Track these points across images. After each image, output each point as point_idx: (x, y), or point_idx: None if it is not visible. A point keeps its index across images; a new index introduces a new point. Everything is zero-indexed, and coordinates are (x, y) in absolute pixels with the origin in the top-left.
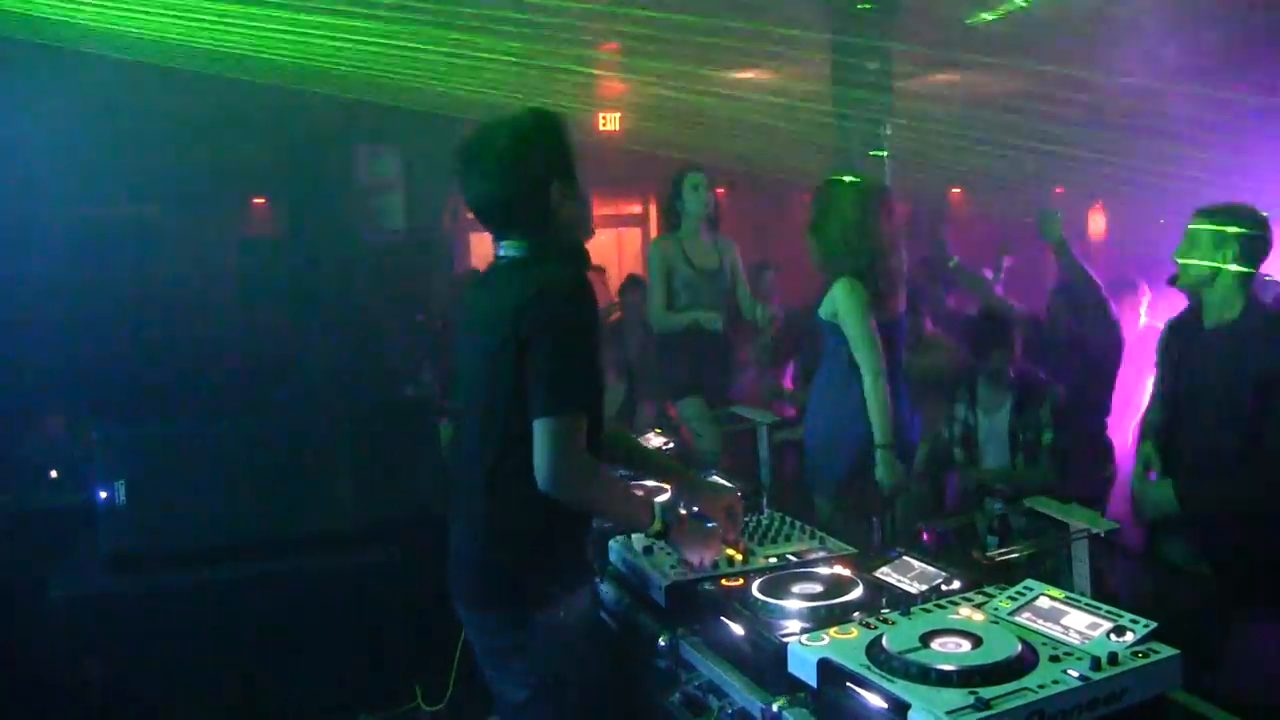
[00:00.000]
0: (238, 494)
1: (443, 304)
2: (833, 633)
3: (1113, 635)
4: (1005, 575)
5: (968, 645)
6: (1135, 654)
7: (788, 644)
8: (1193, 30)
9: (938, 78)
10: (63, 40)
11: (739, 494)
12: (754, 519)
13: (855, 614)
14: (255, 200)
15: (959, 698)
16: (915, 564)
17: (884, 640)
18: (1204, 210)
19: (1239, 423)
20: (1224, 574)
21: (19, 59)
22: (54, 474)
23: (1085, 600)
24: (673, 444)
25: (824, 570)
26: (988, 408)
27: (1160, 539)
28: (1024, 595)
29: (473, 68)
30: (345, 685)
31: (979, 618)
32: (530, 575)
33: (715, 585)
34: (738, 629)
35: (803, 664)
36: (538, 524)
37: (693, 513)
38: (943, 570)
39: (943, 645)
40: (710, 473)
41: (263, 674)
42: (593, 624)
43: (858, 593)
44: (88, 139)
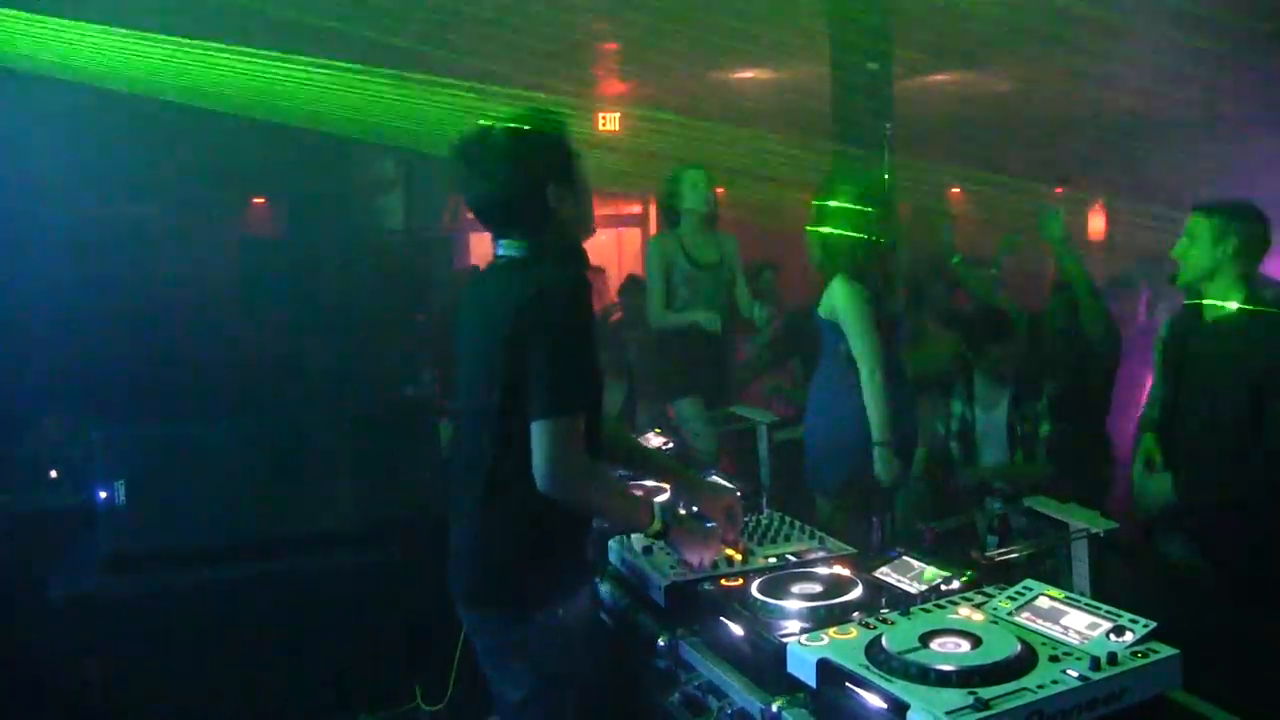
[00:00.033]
0: (238, 494)
1: (443, 304)
2: (832, 633)
3: (1112, 635)
4: (1005, 575)
5: (967, 645)
6: (1135, 654)
7: (787, 644)
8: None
9: (938, 78)
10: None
11: (738, 494)
12: (753, 519)
13: (854, 614)
14: (255, 200)
15: (958, 698)
16: (915, 564)
17: (883, 640)
18: (1202, 206)
19: (1239, 418)
20: (1223, 572)
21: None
22: (54, 474)
23: (1085, 600)
24: (672, 444)
25: (823, 570)
26: (985, 403)
27: (1160, 536)
28: (1023, 595)
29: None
30: (345, 685)
31: (978, 618)
32: (529, 575)
33: (715, 585)
34: (737, 629)
35: (802, 664)
36: (537, 524)
37: (692, 513)
38: (942, 570)
39: (942, 645)
40: (709, 473)
41: (262, 674)
42: (592, 624)
43: (857, 593)
44: (87, 138)
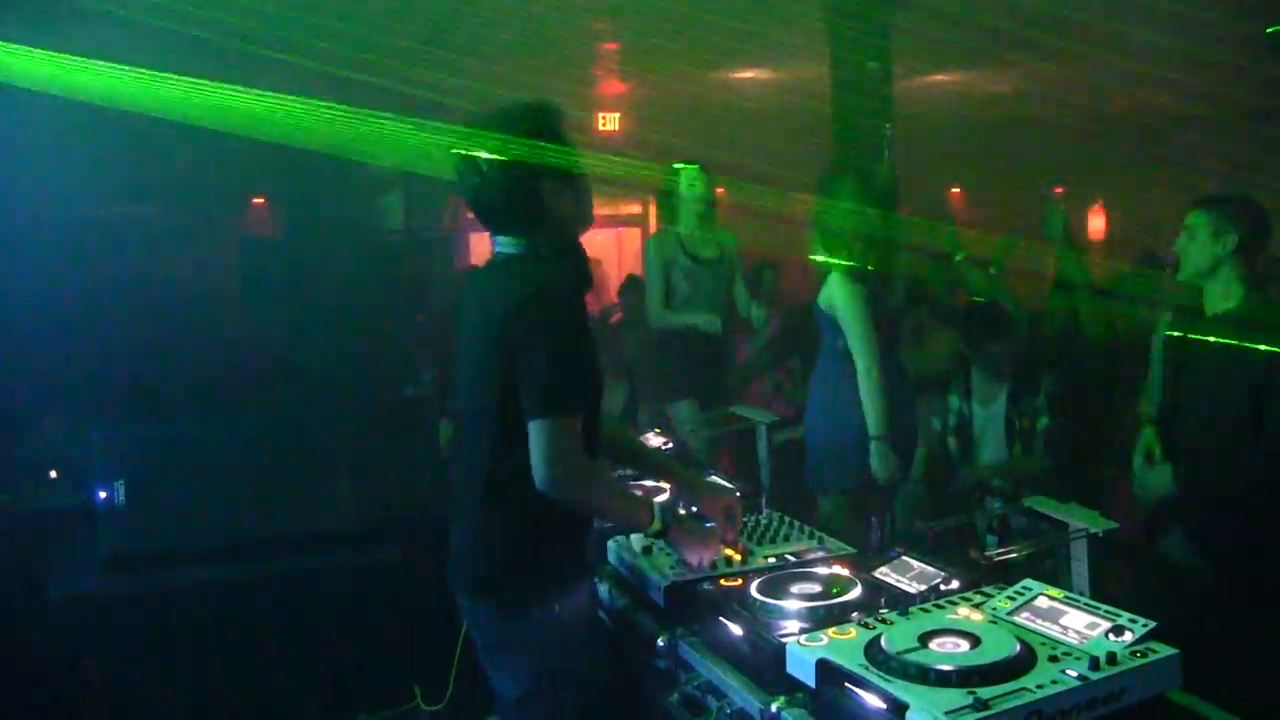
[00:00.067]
0: (238, 494)
1: (443, 304)
2: (831, 633)
3: (1111, 635)
4: (1004, 575)
5: (966, 645)
6: (1134, 654)
7: (786, 644)
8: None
9: (938, 78)
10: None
11: (737, 494)
12: (753, 519)
13: (854, 614)
14: (255, 200)
15: (957, 698)
16: (914, 564)
17: (882, 640)
18: (1202, 200)
19: (1239, 416)
20: (1223, 572)
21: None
22: (54, 474)
23: (1084, 600)
24: (672, 444)
25: (823, 570)
26: (983, 399)
27: (1160, 534)
28: (1023, 595)
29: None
30: (345, 685)
31: (977, 618)
32: (527, 570)
33: (714, 585)
34: (736, 629)
35: (801, 664)
36: (537, 524)
37: (692, 513)
38: (941, 570)
39: (941, 645)
40: (709, 473)
41: (262, 674)
42: (591, 623)
43: (856, 593)
44: (86, 138)
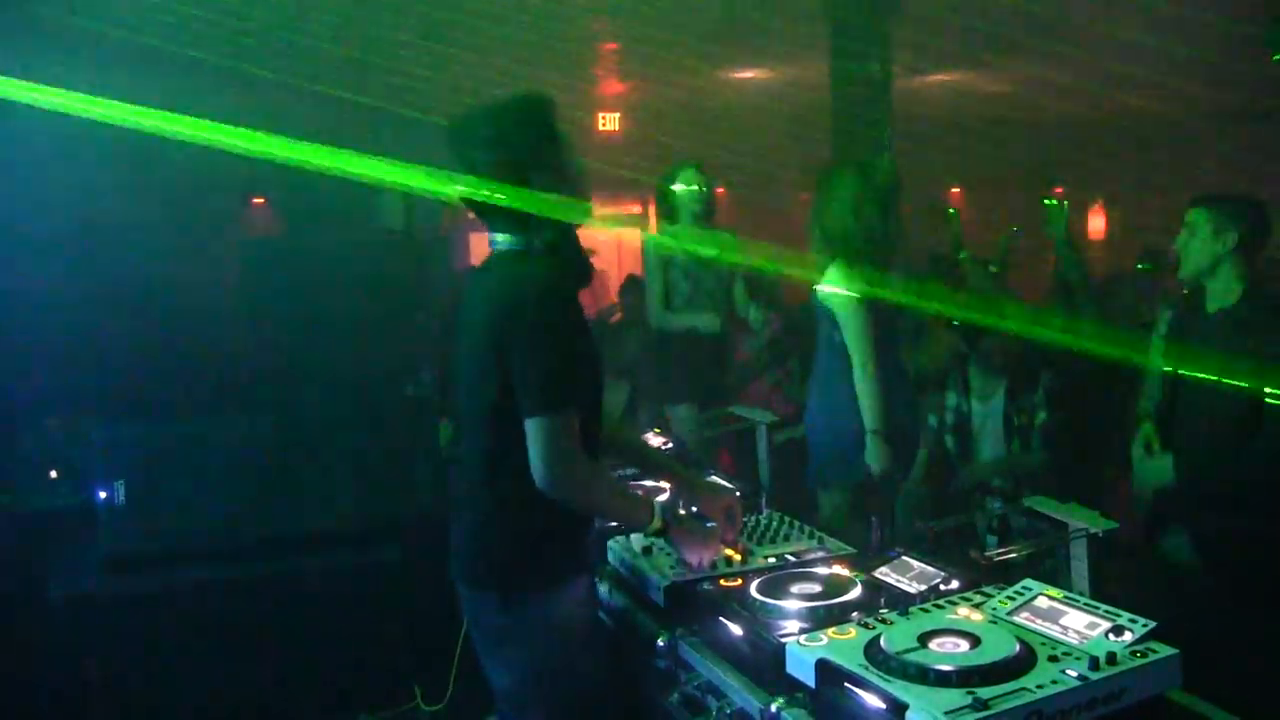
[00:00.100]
0: (238, 494)
1: (443, 304)
2: (831, 633)
3: (1111, 635)
4: (1004, 575)
5: (966, 645)
6: (1134, 653)
7: (786, 644)
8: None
9: (938, 78)
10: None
11: (738, 494)
12: (753, 519)
13: (853, 614)
14: (255, 201)
15: (957, 698)
16: (914, 564)
17: (882, 640)
18: (1203, 198)
19: (1238, 412)
20: (1223, 572)
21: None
22: (54, 474)
23: (1084, 600)
24: (672, 444)
25: (822, 570)
26: (981, 395)
27: (1160, 533)
28: (1022, 595)
29: None
30: (345, 685)
31: (977, 618)
32: (529, 562)
33: (714, 585)
34: (736, 629)
35: (801, 664)
36: (537, 523)
37: (692, 513)
38: (941, 570)
39: (941, 645)
40: (709, 473)
41: (262, 674)
42: (589, 620)
43: (856, 593)
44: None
